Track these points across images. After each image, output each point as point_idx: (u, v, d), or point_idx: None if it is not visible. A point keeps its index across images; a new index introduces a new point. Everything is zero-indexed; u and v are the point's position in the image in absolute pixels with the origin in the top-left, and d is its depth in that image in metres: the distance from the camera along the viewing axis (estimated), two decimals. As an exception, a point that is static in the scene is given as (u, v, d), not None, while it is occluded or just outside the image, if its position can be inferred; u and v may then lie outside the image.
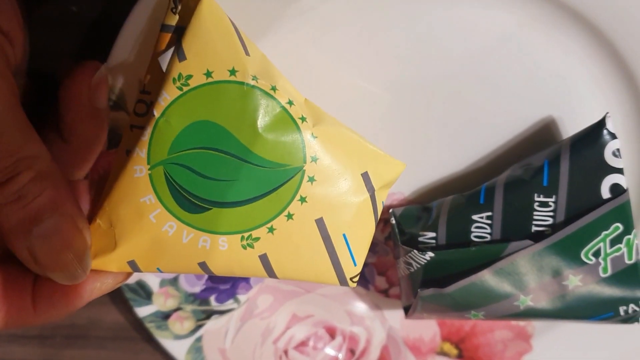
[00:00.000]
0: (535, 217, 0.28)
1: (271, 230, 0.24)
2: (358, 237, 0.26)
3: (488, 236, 0.29)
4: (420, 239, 0.30)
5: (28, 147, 0.23)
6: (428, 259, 0.29)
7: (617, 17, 0.27)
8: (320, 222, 0.25)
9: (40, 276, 0.24)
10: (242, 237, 0.24)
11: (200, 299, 0.34)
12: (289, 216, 0.25)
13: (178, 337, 0.34)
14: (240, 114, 0.23)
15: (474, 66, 0.29)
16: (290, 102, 0.24)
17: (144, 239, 0.24)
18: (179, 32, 0.23)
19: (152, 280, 0.33)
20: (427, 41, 0.29)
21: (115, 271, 0.25)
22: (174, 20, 0.24)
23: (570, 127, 0.30)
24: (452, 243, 0.29)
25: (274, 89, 0.24)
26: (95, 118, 0.26)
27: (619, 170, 0.27)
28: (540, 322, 0.34)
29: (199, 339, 0.35)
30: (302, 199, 0.24)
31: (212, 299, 0.34)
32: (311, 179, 0.24)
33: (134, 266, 0.25)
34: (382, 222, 0.33)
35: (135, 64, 0.28)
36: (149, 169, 0.24)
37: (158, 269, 0.25)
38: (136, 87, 0.28)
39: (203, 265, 0.25)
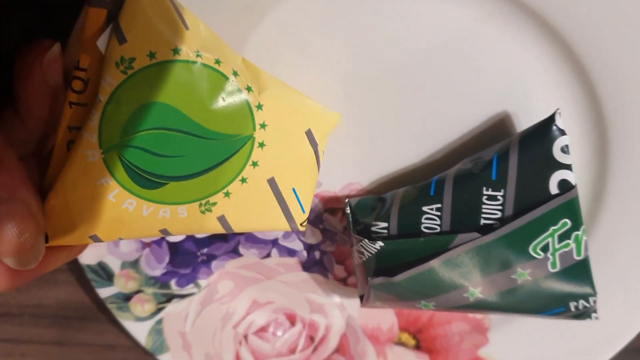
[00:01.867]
0: (483, 210, 0.29)
1: (227, 194, 0.26)
2: (305, 187, 0.28)
3: (438, 227, 0.29)
4: (373, 228, 0.30)
5: None
6: (378, 248, 0.29)
7: (570, 13, 0.28)
8: (271, 181, 0.27)
9: None
10: (200, 204, 0.26)
11: (160, 282, 0.34)
12: (243, 180, 0.26)
13: (139, 318, 0.35)
14: (188, 91, 0.24)
15: (429, 60, 0.29)
16: (235, 73, 0.25)
17: (104, 217, 0.25)
18: (113, 8, 0.23)
19: (113, 262, 0.34)
20: (381, 34, 0.29)
21: (73, 244, 0.25)
22: None
23: (525, 122, 0.30)
24: (402, 233, 0.30)
25: (217, 62, 0.24)
26: (49, 96, 0.27)
27: (567, 167, 0.28)
28: (497, 316, 0.35)
29: (159, 322, 0.35)
30: (254, 164, 0.26)
31: (173, 282, 0.35)
32: (261, 145, 0.26)
33: (95, 239, 0.25)
34: (340, 211, 0.34)
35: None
36: (102, 154, 0.24)
37: (119, 238, 0.26)
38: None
39: (164, 231, 0.26)
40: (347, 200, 0.31)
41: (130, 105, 0.24)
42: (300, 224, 0.28)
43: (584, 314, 0.30)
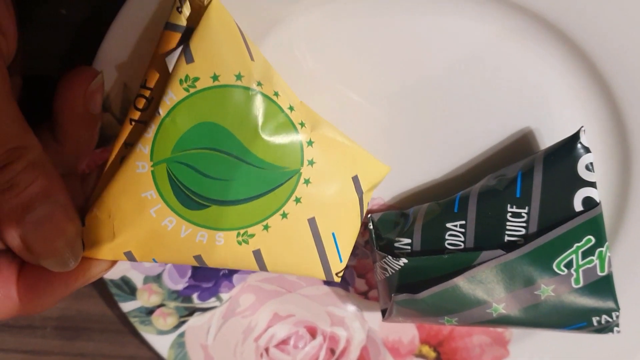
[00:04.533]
0: (508, 227, 0.29)
1: (266, 227, 0.26)
2: (345, 235, 0.27)
3: (461, 244, 0.29)
4: (396, 244, 0.30)
5: (20, 138, 0.23)
6: (402, 264, 0.29)
7: (594, 30, 0.28)
8: (312, 222, 0.26)
9: (25, 267, 0.25)
10: (238, 234, 0.26)
11: (183, 296, 0.35)
12: (284, 215, 0.26)
13: (161, 332, 0.35)
14: (244, 117, 0.24)
15: (451, 77, 0.29)
16: (291, 108, 0.25)
17: (143, 231, 0.25)
18: (186, 33, 0.24)
19: (136, 277, 0.34)
20: (404, 51, 0.29)
21: (109, 259, 0.26)
22: (179, 19, 0.24)
23: (548, 138, 0.30)
24: (426, 250, 0.30)
25: (276, 94, 0.25)
26: (89, 122, 0.27)
27: (592, 184, 0.28)
28: (517, 329, 0.35)
29: (181, 335, 0.35)
30: (297, 200, 0.26)
31: (195, 296, 0.35)
32: (307, 181, 0.26)
33: (130, 256, 0.26)
34: (363, 226, 0.34)
35: (123, 65, 0.29)
36: (151, 166, 0.25)
37: (153, 259, 0.26)
38: (121, 89, 0.29)
39: (198, 258, 0.26)
40: (369, 215, 0.31)
41: (187, 122, 0.24)
42: (336, 274, 0.27)
43: (606, 329, 0.30)
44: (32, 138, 0.24)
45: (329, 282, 0.35)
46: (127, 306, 0.34)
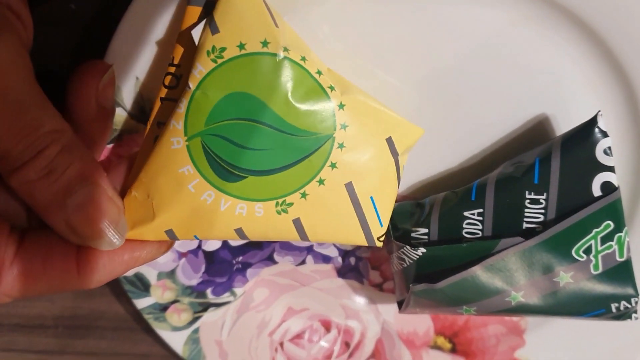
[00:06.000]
0: (526, 214, 0.28)
1: (304, 195, 0.26)
2: (384, 199, 0.27)
3: (479, 232, 0.29)
4: (413, 234, 0.30)
5: (51, 122, 0.23)
6: (420, 254, 0.29)
7: (609, 15, 0.28)
8: (349, 186, 0.26)
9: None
10: (277, 203, 0.25)
11: (197, 291, 0.34)
12: (321, 181, 0.26)
13: (176, 328, 0.35)
14: (274, 84, 0.24)
15: (467, 64, 0.29)
16: (319, 72, 0.25)
17: (183, 208, 0.25)
18: (208, 5, 0.24)
19: (150, 273, 0.34)
20: (418, 40, 0.29)
21: (153, 240, 0.25)
22: None
23: (564, 124, 0.30)
24: (444, 239, 0.30)
25: (303, 59, 0.25)
26: (102, 117, 0.27)
27: (610, 169, 0.28)
28: (534, 318, 0.35)
29: (196, 331, 0.35)
30: (333, 165, 0.26)
31: (209, 291, 0.35)
32: (341, 146, 0.26)
33: (171, 235, 0.25)
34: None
35: (134, 59, 0.28)
36: (186, 141, 0.24)
37: (195, 236, 0.26)
38: (133, 83, 0.29)
39: (239, 231, 0.26)
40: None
41: (217, 93, 0.24)
42: (378, 239, 0.27)
43: (624, 315, 0.30)
44: (62, 121, 0.24)
45: (342, 274, 0.35)
46: (141, 303, 0.34)
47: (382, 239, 0.27)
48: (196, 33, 0.24)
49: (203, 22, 0.24)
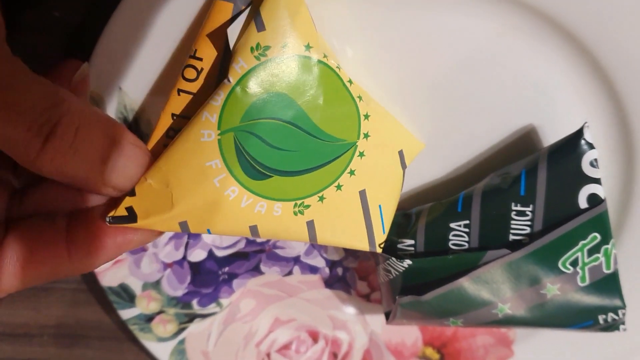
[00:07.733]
0: (512, 226, 0.28)
1: (321, 199, 0.26)
2: (389, 208, 0.28)
3: (466, 244, 0.29)
4: (399, 245, 0.30)
5: (55, 93, 0.22)
6: (406, 266, 0.29)
7: (597, 26, 0.27)
8: (362, 194, 0.27)
9: (72, 226, 0.24)
10: (295, 204, 0.26)
11: (182, 302, 0.34)
12: (339, 187, 0.26)
13: (161, 339, 0.35)
14: (310, 88, 0.25)
15: (454, 75, 0.29)
16: (350, 81, 0.26)
17: (203, 201, 0.25)
18: (237, 3, 0.24)
19: (135, 284, 0.33)
20: (405, 49, 0.29)
21: (163, 231, 0.25)
22: None
23: (551, 135, 0.30)
24: (430, 251, 0.29)
25: (338, 67, 0.25)
26: None
27: (597, 181, 0.27)
28: (522, 329, 0.35)
29: (182, 342, 0.35)
30: (352, 172, 0.26)
31: (195, 302, 0.34)
32: (361, 154, 0.26)
33: (184, 227, 0.25)
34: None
35: (117, 68, 0.28)
36: (218, 135, 0.24)
37: (208, 230, 0.25)
38: (116, 91, 0.28)
39: (253, 229, 0.26)
40: (371, 217, 0.31)
41: (256, 91, 0.24)
42: (379, 245, 0.28)
43: (612, 326, 0.30)
44: (64, 90, 0.22)
45: (330, 285, 0.35)
46: (126, 313, 0.34)
47: (382, 245, 0.28)
48: (235, 28, 0.24)
49: (242, 19, 0.24)
